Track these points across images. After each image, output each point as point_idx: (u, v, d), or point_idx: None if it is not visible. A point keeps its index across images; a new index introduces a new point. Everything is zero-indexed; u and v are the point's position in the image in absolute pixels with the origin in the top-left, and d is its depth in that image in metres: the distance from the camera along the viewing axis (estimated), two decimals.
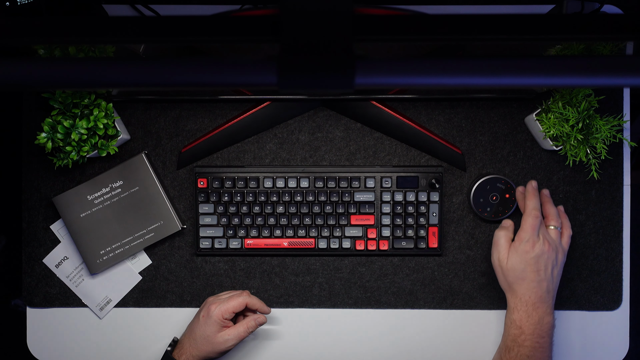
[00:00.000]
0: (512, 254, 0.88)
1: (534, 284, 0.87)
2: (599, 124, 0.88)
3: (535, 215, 0.89)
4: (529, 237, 0.87)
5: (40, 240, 0.98)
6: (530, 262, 0.87)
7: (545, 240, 0.87)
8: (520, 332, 0.87)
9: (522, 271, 0.87)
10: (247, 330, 0.89)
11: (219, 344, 0.88)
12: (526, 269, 0.87)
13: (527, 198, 0.91)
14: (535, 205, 0.90)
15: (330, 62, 0.45)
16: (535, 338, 0.86)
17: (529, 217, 0.89)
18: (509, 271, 0.88)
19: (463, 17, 0.47)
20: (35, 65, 0.46)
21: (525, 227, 0.88)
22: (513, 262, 0.88)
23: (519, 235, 0.88)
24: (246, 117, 0.96)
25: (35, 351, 0.98)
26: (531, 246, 0.87)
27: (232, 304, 0.89)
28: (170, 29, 0.47)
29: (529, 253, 0.87)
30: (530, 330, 0.86)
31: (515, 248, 0.88)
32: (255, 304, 0.91)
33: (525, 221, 0.89)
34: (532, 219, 0.88)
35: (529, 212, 0.89)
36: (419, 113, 0.98)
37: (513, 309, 0.88)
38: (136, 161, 0.95)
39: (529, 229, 0.88)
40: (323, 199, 0.95)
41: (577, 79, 0.47)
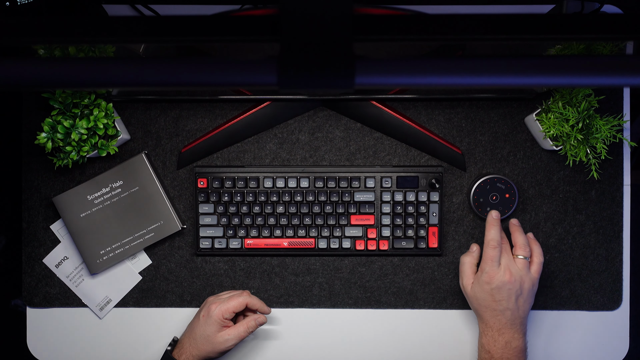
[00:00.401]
0: (475, 283, 0.89)
1: (496, 312, 0.87)
2: (599, 124, 0.88)
3: (492, 246, 0.88)
4: (488, 268, 0.87)
5: (40, 240, 0.98)
6: (490, 292, 0.87)
7: (507, 271, 0.87)
8: (490, 356, 0.87)
9: (484, 300, 0.88)
10: (247, 330, 0.89)
11: (219, 343, 0.88)
12: (487, 298, 0.87)
13: (486, 229, 0.91)
14: (493, 236, 0.89)
15: (330, 62, 0.45)
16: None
17: (487, 248, 0.89)
18: (473, 299, 0.90)
19: (463, 17, 0.47)
20: (35, 65, 0.46)
21: (484, 258, 0.89)
22: (475, 291, 0.89)
23: (481, 265, 0.89)
24: (246, 117, 0.96)
25: (35, 351, 0.98)
26: (490, 277, 0.87)
27: (232, 304, 0.89)
28: (170, 29, 0.47)
29: (489, 284, 0.87)
30: (499, 354, 0.87)
31: (477, 278, 0.89)
32: (256, 304, 0.91)
33: (485, 252, 0.89)
34: (490, 250, 0.88)
35: (487, 243, 0.89)
36: (419, 113, 0.98)
37: (481, 333, 0.90)
38: (136, 161, 0.95)
39: (487, 260, 0.88)
40: (323, 199, 0.95)
41: (577, 79, 0.47)
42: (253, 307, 0.91)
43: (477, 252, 0.92)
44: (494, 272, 0.87)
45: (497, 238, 0.89)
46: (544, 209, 0.97)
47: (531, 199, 0.97)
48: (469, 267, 0.91)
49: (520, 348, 0.87)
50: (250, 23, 0.47)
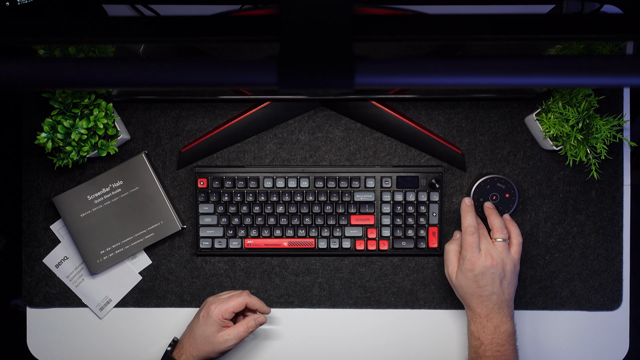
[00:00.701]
0: (458, 272, 0.89)
1: (483, 298, 0.87)
2: (599, 124, 0.88)
3: (470, 232, 0.88)
4: (469, 255, 0.87)
5: (40, 240, 0.98)
6: (474, 279, 0.87)
7: (488, 255, 0.86)
8: (480, 343, 0.87)
9: (469, 287, 0.87)
10: (247, 330, 0.89)
11: (219, 344, 0.88)
12: (471, 285, 0.87)
13: (462, 216, 0.90)
14: (470, 223, 0.89)
15: (330, 62, 0.45)
16: (494, 347, 0.86)
17: (465, 234, 0.88)
18: (458, 287, 0.89)
19: (463, 17, 0.47)
20: (35, 65, 0.46)
21: (464, 246, 0.88)
22: (459, 280, 0.88)
23: (462, 253, 0.88)
24: (246, 117, 0.96)
25: (35, 351, 0.98)
26: (472, 264, 0.86)
27: (232, 304, 0.89)
28: (170, 29, 0.47)
29: (472, 271, 0.86)
30: (489, 339, 0.86)
31: (460, 266, 0.88)
32: (255, 304, 0.91)
33: (464, 240, 0.88)
34: (469, 237, 0.88)
35: (464, 230, 0.89)
36: (419, 113, 0.98)
37: (470, 321, 0.89)
38: (136, 161, 0.95)
39: (467, 247, 0.87)
40: (323, 199, 0.95)
41: (577, 79, 0.47)
42: (253, 307, 0.91)
43: (460, 239, 0.91)
44: (475, 258, 0.86)
45: (473, 224, 0.89)
46: (544, 209, 0.97)
47: (531, 199, 0.97)
48: (453, 255, 0.90)
49: (509, 331, 0.87)
50: (250, 23, 0.47)
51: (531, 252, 0.97)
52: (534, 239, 0.97)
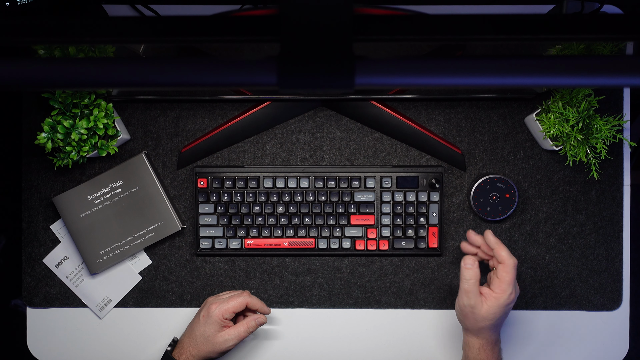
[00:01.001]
0: (492, 304, 0.82)
1: (500, 327, 0.86)
2: (599, 124, 0.88)
3: (514, 264, 0.83)
4: (511, 289, 0.82)
5: (40, 240, 0.98)
6: (507, 311, 0.84)
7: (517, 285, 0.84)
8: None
9: (498, 319, 0.83)
10: (247, 330, 0.89)
11: (219, 344, 0.88)
12: (502, 317, 0.84)
13: (498, 248, 0.84)
14: (510, 255, 0.83)
15: (330, 62, 0.45)
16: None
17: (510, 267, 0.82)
18: (484, 319, 0.83)
19: (463, 17, 0.47)
20: (35, 65, 0.46)
21: (508, 280, 0.82)
22: (490, 312, 0.82)
23: (501, 286, 0.82)
24: (246, 117, 0.96)
25: (35, 351, 0.98)
26: (514, 297, 0.83)
27: (232, 304, 0.89)
28: (170, 29, 0.47)
29: (510, 304, 0.83)
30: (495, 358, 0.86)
31: (497, 299, 0.82)
32: (256, 304, 0.91)
33: (509, 273, 0.82)
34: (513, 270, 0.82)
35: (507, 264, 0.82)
36: (419, 113, 0.98)
37: (479, 349, 0.86)
38: (136, 161, 0.95)
39: (511, 282, 0.82)
40: (323, 199, 0.95)
41: (577, 79, 0.47)
42: (253, 307, 0.91)
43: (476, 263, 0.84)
44: (514, 291, 0.83)
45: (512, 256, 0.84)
46: (544, 209, 0.97)
47: (531, 199, 0.97)
48: (475, 285, 0.83)
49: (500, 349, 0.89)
50: (250, 23, 0.47)
51: (531, 252, 0.97)
52: (534, 239, 0.97)
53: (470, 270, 0.83)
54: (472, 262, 0.84)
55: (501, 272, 0.83)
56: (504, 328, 0.97)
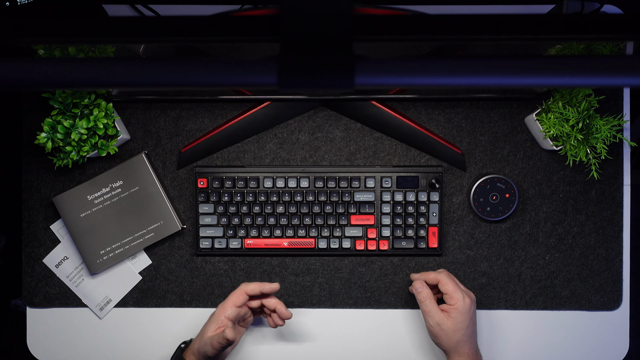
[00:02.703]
0: (454, 315, 0.86)
1: (473, 336, 0.88)
2: (599, 124, 0.88)
3: (446, 274, 0.89)
4: (461, 295, 0.87)
5: (40, 240, 0.98)
6: (472, 316, 0.88)
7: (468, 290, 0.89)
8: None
9: (467, 327, 0.87)
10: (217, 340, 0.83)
11: (205, 343, 0.85)
12: (470, 324, 0.87)
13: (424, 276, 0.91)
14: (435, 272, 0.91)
15: (330, 62, 0.45)
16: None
17: (444, 278, 0.88)
18: (454, 332, 0.86)
19: (463, 17, 0.47)
20: (35, 65, 0.46)
21: (452, 289, 0.87)
22: (457, 322, 0.86)
23: (452, 296, 0.87)
24: (246, 117, 0.96)
25: (35, 351, 0.98)
26: (469, 301, 0.87)
27: (232, 299, 0.87)
28: (170, 29, 0.47)
29: (471, 308, 0.87)
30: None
31: (457, 309, 0.86)
32: (255, 288, 0.88)
33: (446, 284, 0.88)
34: (447, 279, 0.88)
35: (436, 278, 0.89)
36: (419, 113, 0.98)
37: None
38: (136, 161, 0.95)
39: (457, 289, 0.87)
40: (323, 199, 0.95)
41: (577, 79, 0.47)
42: (253, 292, 0.87)
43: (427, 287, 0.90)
44: (467, 295, 0.88)
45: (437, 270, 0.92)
46: (544, 209, 0.97)
47: (531, 199, 0.97)
48: (433, 303, 0.88)
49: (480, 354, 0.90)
50: (250, 23, 0.47)
51: (531, 252, 0.97)
52: (534, 239, 0.97)
53: (422, 293, 0.89)
54: (420, 285, 0.90)
55: (442, 288, 0.88)
56: (504, 328, 0.97)
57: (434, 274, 0.90)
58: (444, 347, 0.88)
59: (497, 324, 0.97)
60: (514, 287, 0.97)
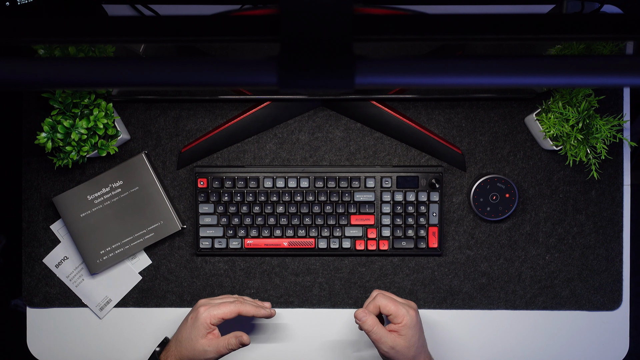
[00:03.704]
0: (405, 332, 0.83)
1: (425, 343, 0.86)
2: (599, 124, 0.88)
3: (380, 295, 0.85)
4: (404, 310, 0.84)
5: (40, 240, 0.98)
6: (420, 327, 0.85)
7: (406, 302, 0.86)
8: None
9: (419, 339, 0.84)
10: (226, 346, 0.85)
11: (199, 352, 0.84)
12: (421, 335, 0.85)
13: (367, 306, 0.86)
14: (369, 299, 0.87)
15: (330, 62, 0.45)
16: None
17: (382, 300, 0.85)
18: (409, 349, 0.83)
19: (463, 17, 0.47)
20: (35, 65, 0.46)
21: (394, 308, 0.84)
22: (409, 338, 0.83)
23: (397, 315, 0.84)
24: (246, 117, 0.96)
25: (35, 351, 0.98)
26: (414, 312, 0.84)
27: (222, 311, 0.85)
28: (170, 29, 0.47)
29: (417, 319, 0.85)
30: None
31: (405, 325, 0.83)
32: (249, 311, 0.86)
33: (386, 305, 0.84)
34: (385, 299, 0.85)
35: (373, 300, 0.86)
36: (419, 113, 0.98)
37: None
38: (136, 161, 0.95)
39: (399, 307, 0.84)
40: (323, 199, 0.95)
41: (577, 79, 0.47)
42: (247, 314, 0.87)
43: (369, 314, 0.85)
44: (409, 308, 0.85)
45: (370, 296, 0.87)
46: (544, 209, 0.97)
47: (531, 199, 0.97)
48: (381, 328, 0.84)
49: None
50: (250, 23, 0.47)
51: (531, 252, 0.97)
52: (534, 239, 0.97)
53: (366, 322, 0.84)
54: (363, 313, 0.85)
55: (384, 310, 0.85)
56: (504, 328, 0.97)
57: (371, 303, 0.86)
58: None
59: (497, 324, 0.97)
60: (514, 287, 0.97)
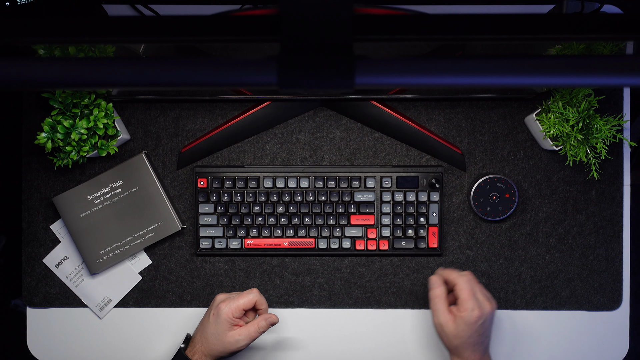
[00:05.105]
0: (459, 322, 0.84)
1: (477, 345, 0.85)
2: (599, 124, 0.88)
3: (466, 279, 0.85)
4: (472, 304, 0.84)
5: (40, 240, 0.98)
6: (478, 328, 0.84)
7: (486, 303, 0.85)
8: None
9: (470, 337, 0.84)
10: (257, 330, 0.87)
11: (230, 344, 0.86)
12: (473, 334, 0.84)
13: (446, 273, 0.88)
14: (458, 273, 0.87)
15: (330, 62, 0.45)
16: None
17: (461, 283, 0.85)
18: (453, 337, 0.85)
19: (463, 17, 0.47)
20: (35, 65, 0.46)
21: (465, 297, 0.84)
22: (459, 329, 0.84)
23: (463, 305, 0.84)
24: (246, 117, 0.96)
25: (35, 351, 0.98)
26: (479, 314, 0.83)
27: (241, 302, 0.87)
28: (170, 29, 0.47)
29: (478, 322, 0.84)
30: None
31: (462, 318, 0.84)
32: (262, 303, 0.89)
33: (462, 290, 0.85)
34: (465, 284, 0.85)
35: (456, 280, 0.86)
36: (419, 113, 0.98)
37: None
38: (136, 161, 0.95)
39: (470, 297, 0.84)
40: (323, 199, 0.95)
41: (577, 79, 0.47)
42: (259, 306, 0.89)
43: (443, 285, 0.87)
44: (479, 307, 0.84)
45: (461, 272, 0.87)
46: (544, 209, 0.97)
47: (531, 199, 0.97)
48: (442, 303, 0.86)
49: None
50: (250, 23, 0.47)
51: (531, 252, 0.97)
52: (534, 239, 0.97)
53: (433, 290, 0.87)
54: (436, 281, 0.87)
55: (457, 292, 0.86)
56: (503, 328, 0.97)
57: (455, 275, 0.86)
58: (447, 347, 0.88)
59: (497, 324, 0.97)
60: (514, 287, 0.97)
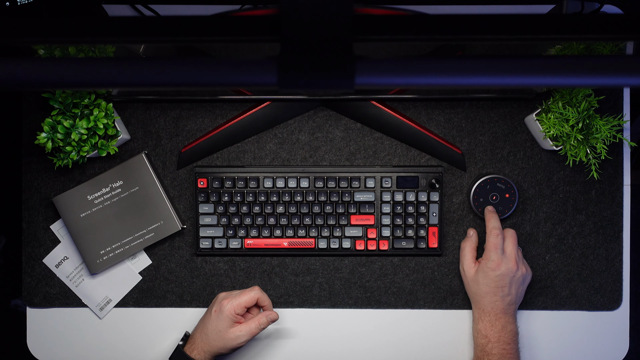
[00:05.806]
0: (479, 271, 0.91)
1: (496, 298, 0.89)
2: (599, 124, 0.88)
3: (495, 234, 0.90)
4: (493, 256, 0.89)
5: (40, 240, 0.98)
6: (494, 279, 0.89)
7: (512, 259, 0.90)
8: (487, 341, 0.89)
9: (487, 286, 0.90)
10: (258, 326, 0.89)
11: (231, 340, 0.88)
12: (490, 284, 0.89)
13: (487, 219, 0.93)
14: (495, 225, 0.92)
15: (330, 62, 0.45)
16: (501, 345, 0.89)
17: (490, 236, 0.91)
18: (474, 284, 0.92)
19: (463, 17, 0.47)
20: (35, 65, 0.46)
21: (489, 247, 0.90)
22: (478, 277, 0.91)
23: (485, 253, 0.91)
24: (246, 117, 0.96)
25: (35, 351, 0.98)
26: (496, 265, 0.89)
27: (244, 299, 0.89)
28: (170, 29, 0.47)
29: (495, 271, 0.89)
30: (496, 337, 0.89)
31: (482, 266, 0.90)
32: (265, 300, 0.91)
33: (489, 241, 0.91)
34: (493, 238, 0.90)
35: (489, 232, 0.91)
36: (419, 113, 0.98)
37: (477, 319, 0.92)
38: (136, 161, 0.95)
39: (492, 248, 0.90)
40: (323, 199, 0.95)
41: (577, 79, 0.47)
42: (262, 303, 0.91)
43: (475, 236, 0.94)
44: (499, 259, 0.89)
45: (498, 226, 0.92)
46: (544, 209, 0.97)
47: (531, 199, 0.97)
48: (469, 252, 0.93)
49: (514, 331, 0.90)
50: (250, 23, 0.47)
51: (531, 252, 0.97)
52: (534, 239, 0.97)
53: (466, 239, 0.95)
54: (471, 231, 0.95)
55: (486, 244, 0.92)
56: None
57: (492, 226, 0.91)
58: (467, 293, 0.94)
59: None
60: None
